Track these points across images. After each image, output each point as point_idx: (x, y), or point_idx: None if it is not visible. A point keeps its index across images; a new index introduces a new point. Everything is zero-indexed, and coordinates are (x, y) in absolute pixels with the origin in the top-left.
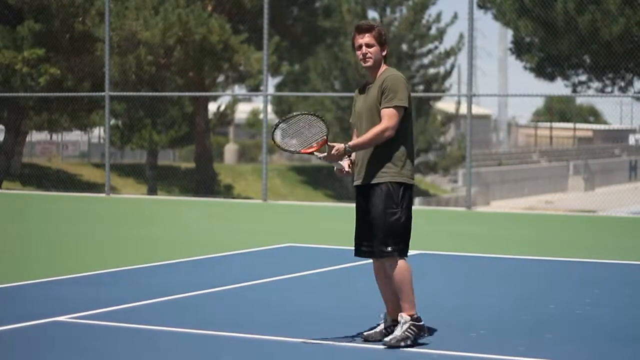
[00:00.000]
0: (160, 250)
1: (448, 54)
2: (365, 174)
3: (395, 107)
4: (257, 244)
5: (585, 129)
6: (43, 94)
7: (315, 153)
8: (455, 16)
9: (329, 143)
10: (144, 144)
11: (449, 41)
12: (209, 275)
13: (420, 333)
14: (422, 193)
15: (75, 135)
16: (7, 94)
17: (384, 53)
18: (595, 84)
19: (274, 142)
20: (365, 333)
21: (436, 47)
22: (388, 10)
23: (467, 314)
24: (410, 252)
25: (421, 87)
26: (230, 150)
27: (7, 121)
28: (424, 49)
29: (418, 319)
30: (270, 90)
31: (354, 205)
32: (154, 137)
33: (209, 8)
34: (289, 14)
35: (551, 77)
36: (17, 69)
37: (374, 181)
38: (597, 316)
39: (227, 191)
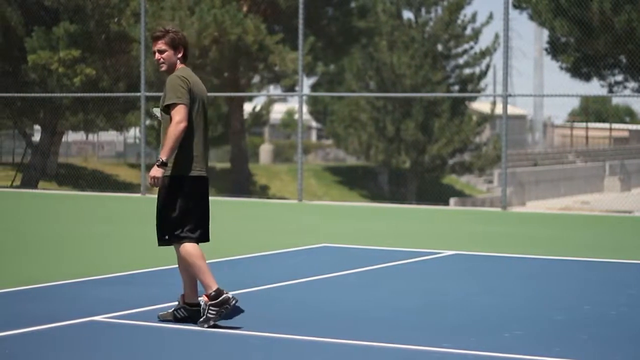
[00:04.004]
0: None
1: (483, 54)
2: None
3: (174, 104)
4: (292, 244)
5: (621, 129)
6: (79, 94)
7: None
8: (491, 16)
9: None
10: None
11: (484, 41)
12: (244, 275)
13: (221, 309)
14: (458, 193)
15: (111, 136)
16: (43, 94)
17: (179, 55)
18: (632, 84)
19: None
20: (160, 313)
21: (471, 47)
22: (423, 11)
23: (502, 314)
24: (446, 252)
25: (456, 88)
26: (265, 150)
27: (43, 121)
28: (459, 49)
29: (216, 296)
30: (306, 90)
31: (390, 205)
32: None
33: (245, 8)
34: (324, 14)
35: (587, 77)
36: (53, 70)
37: (165, 174)
38: (633, 317)
39: (263, 191)
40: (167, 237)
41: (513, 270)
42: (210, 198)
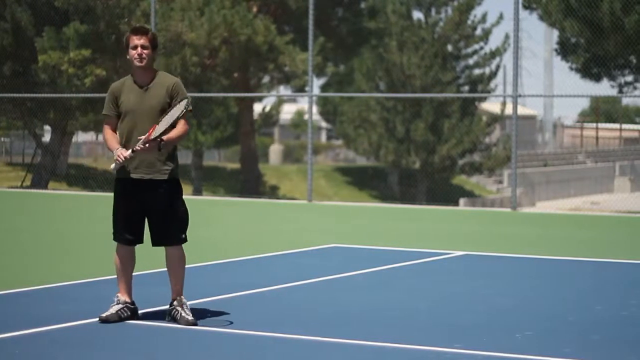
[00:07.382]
0: (206, 251)
1: (493, 54)
2: (151, 170)
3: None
4: (303, 245)
5: (631, 129)
6: (89, 95)
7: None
8: (501, 16)
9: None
10: (189, 145)
11: (494, 42)
12: (254, 276)
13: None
14: (468, 194)
15: None
16: (54, 95)
17: (154, 57)
18: None
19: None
20: (103, 315)
21: (481, 48)
22: (433, 11)
23: (513, 315)
24: (456, 253)
25: (466, 88)
26: (275, 150)
27: (53, 121)
28: (469, 50)
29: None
30: (316, 91)
31: (399, 206)
32: (199, 138)
33: (254, 9)
34: (334, 14)
35: (597, 78)
36: (63, 70)
37: (161, 177)
38: None
39: (272, 192)
40: (183, 236)
41: (523, 270)
42: (220, 198)
